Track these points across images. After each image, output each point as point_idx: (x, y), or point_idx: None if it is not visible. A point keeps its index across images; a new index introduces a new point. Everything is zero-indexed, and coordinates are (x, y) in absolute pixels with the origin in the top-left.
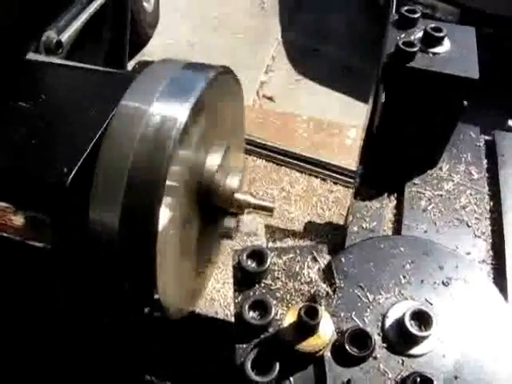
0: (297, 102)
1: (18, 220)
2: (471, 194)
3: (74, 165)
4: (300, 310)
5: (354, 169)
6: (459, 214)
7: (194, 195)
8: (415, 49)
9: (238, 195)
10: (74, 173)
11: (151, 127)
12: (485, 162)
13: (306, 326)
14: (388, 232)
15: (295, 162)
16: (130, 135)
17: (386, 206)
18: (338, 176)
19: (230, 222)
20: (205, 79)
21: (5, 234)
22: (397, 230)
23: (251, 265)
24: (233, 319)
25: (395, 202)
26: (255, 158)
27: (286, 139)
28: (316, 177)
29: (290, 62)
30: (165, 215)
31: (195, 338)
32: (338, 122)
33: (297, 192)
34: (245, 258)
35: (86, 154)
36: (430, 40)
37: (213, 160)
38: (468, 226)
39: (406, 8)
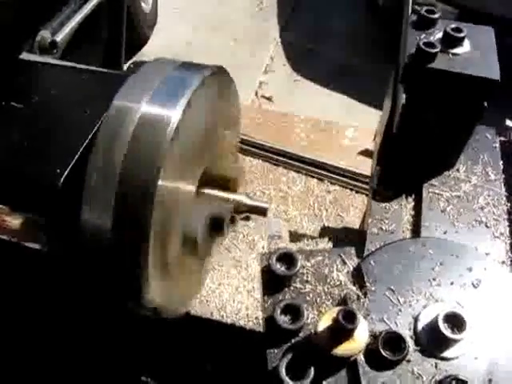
0: (296, 102)
1: (13, 221)
2: (489, 195)
3: (67, 166)
4: (337, 314)
5: (351, 169)
6: (478, 215)
7: (188, 195)
8: (436, 50)
9: (232, 196)
10: (66, 174)
11: (143, 128)
12: (501, 162)
13: (344, 330)
14: (407, 233)
15: (292, 162)
16: (122, 136)
17: (404, 207)
18: (335, 176)
19: (222, 216)
20: (198, 79)
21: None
22: (416, 231)
23: (281, 268)
24: (228, 320)
25: (413, 203)
26: (252, 159)
27: (284, 139)
28: (313, 177)
29: (288, 62)
30: (157, 216)
31: (190, 338)
32: (336, 122)
33: (294, 192)
34: (274, 261)
35: (78, 155)
36: (450, 41)
37: (207, 160)
38: (487, 226)
39: (425, 9)
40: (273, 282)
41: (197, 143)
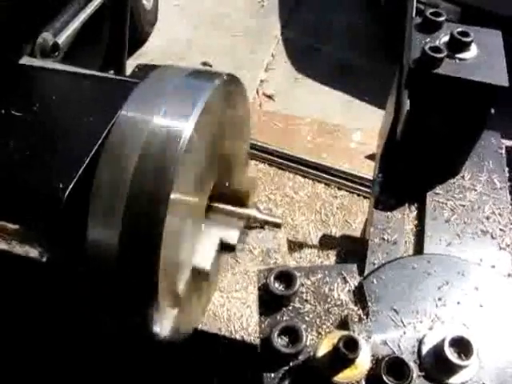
0: (297, 100)
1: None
2: (494, 204)
3: (71, 180)
4: (338, 342)
5: (358, 174)
6: (483, 225)
7: (199, 211)
8: (442, 55)
9: (244, 210)
10: (70, 188)
11: (153, 141)
12: (506, 169)
13: (345, 358)
14: (410, 245)
15: (299, 166)
16: (131, 149)
17: (407, 216)
18: (342, 181)
19: (233, 237)
20: (210, 89)
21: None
22: (419, 242)
23: (279, 287)
24: (237, 336)
25: (416, 212)
26: (257, 163)
27: (289, 142)
28: (320, 182)
29: (289, 60)
30: (168, 233)
31: (198, 354)
32: (342, 125)
33: (300, 198)
34: (272, 280)
35: (83, 168)
36: (457, 45)
37: (218, 173)
38: (492, 237)
39: (430, 11)
40: (270, 302)
41: (208, 156)
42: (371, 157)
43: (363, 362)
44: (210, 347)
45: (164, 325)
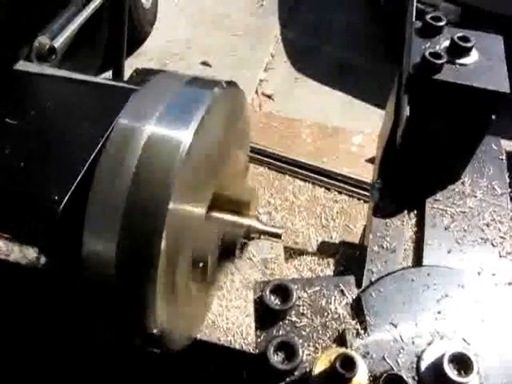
0: (296, 100)
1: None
2: (495, 211)
3: (66, 191)
4: (335, 360)
5: (359, 177)
6: (483, 233)
7: (198, 221)
8: (443, 60)
9: (244, 221)
10: (66, 199)
11: (151, 150)
12: (507, 175)
13: (342, 377)
14: (409, 252)
15: (299, 170)
16: (128, 158)
17: (407, 223)
18: (342, 185)
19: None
20: (209, 96)
21: None
22: (418, 249)
23: (275, 301)
24: (236, 346)
25: (415, 219)
26: (257, 166)
27: (289, 145)
28: (320, 186)
29: (289, 60)
30: (166, 243)
31: (196, 364)
32: (343, 128)
33: (300, 202)
34: (268, 293)
35: (79, 179)
36: (457, 50)
37: (217, 182)
38: (493, 245)
39: (430, 15)
40: (266, 315)
41: (208, 165)
42: (372, 160)
43: (360, 380)
44: (209, 356)
45: (162, 336)
